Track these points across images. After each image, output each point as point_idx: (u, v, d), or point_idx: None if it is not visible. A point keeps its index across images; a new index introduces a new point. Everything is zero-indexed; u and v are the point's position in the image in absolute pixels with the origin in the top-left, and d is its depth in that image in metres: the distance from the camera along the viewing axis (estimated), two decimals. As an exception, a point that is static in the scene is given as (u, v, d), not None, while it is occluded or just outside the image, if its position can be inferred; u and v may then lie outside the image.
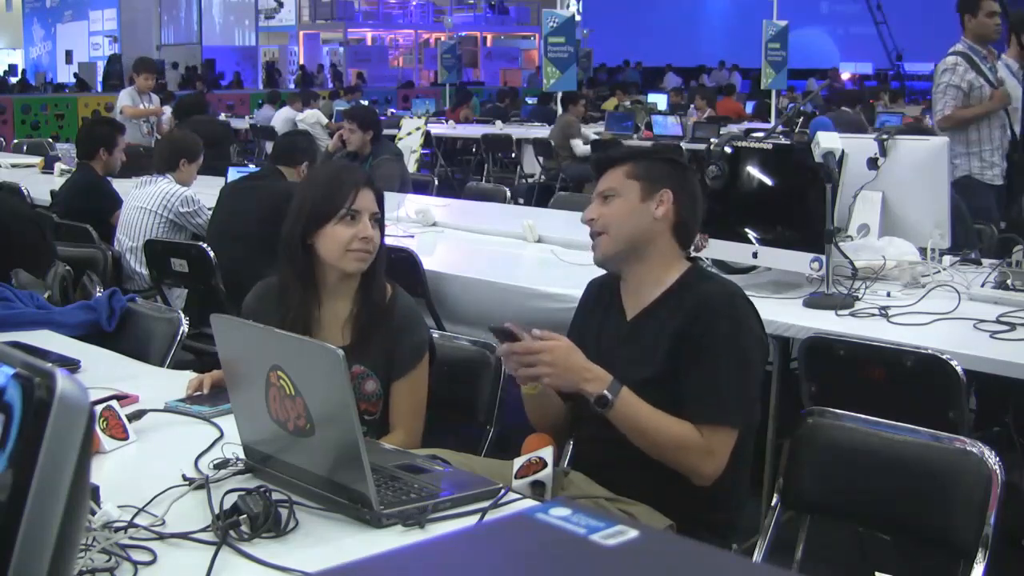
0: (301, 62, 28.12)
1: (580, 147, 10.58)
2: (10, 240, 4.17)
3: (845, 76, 22.62)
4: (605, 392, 2.24)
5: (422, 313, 2.76)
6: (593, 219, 2.46)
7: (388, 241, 4.50)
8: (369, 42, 31.42)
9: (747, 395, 2.32)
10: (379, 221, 2.60)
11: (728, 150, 3.73)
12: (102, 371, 2.77)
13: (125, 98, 9.51)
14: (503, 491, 1.95)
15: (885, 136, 3.92)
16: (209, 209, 4.98)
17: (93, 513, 1.74)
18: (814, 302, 3.32)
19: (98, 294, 3.61)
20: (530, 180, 11.48)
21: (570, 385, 2.29)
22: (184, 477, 2.02)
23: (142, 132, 9.40)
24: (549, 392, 2.41)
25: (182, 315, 3.26)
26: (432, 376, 2.69)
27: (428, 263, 4.19)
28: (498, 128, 13.35)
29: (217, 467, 2.06)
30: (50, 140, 12.13)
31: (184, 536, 1.78)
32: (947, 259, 3.79)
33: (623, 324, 2.46)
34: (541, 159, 11.33)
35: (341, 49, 29.42)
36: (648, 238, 2.42)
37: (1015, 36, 6.03)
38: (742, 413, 2.31)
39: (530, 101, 17.16)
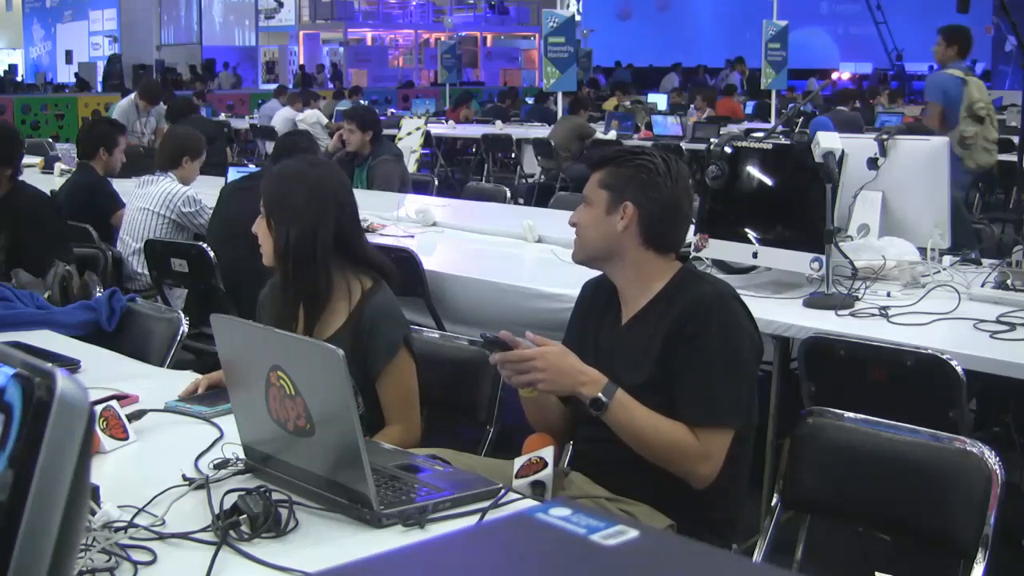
0: (301, 62, 28.12)
1: None
2: (48, 228, 4.27)
3: (845, 76, 22.61)
4: (600, 395, 2.24)
5: (407, 313, 2.76)
6: (574, 223, 2.49)
7: (388, 241, 4.54)
8: (369, 42, 31.42)
9: (741, 395, 2.31)
10: (270, 213, 2.62)
11: (728, 150, 3.73)
12: (102, 371, 2.78)
13: (120, 114, 9.49)
14: (503, 491, 1.95)
15: (885, 136, 3.92)
16: (210, 209, 4.99)
17: (93, 513, 1.74)
18: (814, 302, 3.32)
19: (98, 294, 3.62)
20: (530, 180, 11.47)
21: (565, 389, 2.29)
22: (184, 477, 2.02)
23: (137, 138, 9.43)
24: (547, 395, 2.41)
25: (182, 315, 3.26)
26: (431, 376, 2.70)
27: (428, 263, 4.19)
28: (498, 128, 13.34)
29: (217, 467, 2.06)
30: (50, 140, 12.12)
31: (184, 536, 1.78)
32: (947, 259, 3.79)
33: (618, 328, 2.46)
34: (541, 159, 11.33)
35: (341, 49, 29.42)
36: (615, 249, 2.42)
37: None
38: (737, 413, 2.30)
39: (530, 101, 17.15)
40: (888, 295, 3.41)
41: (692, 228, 3.76)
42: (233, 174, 5.60)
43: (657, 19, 30.01)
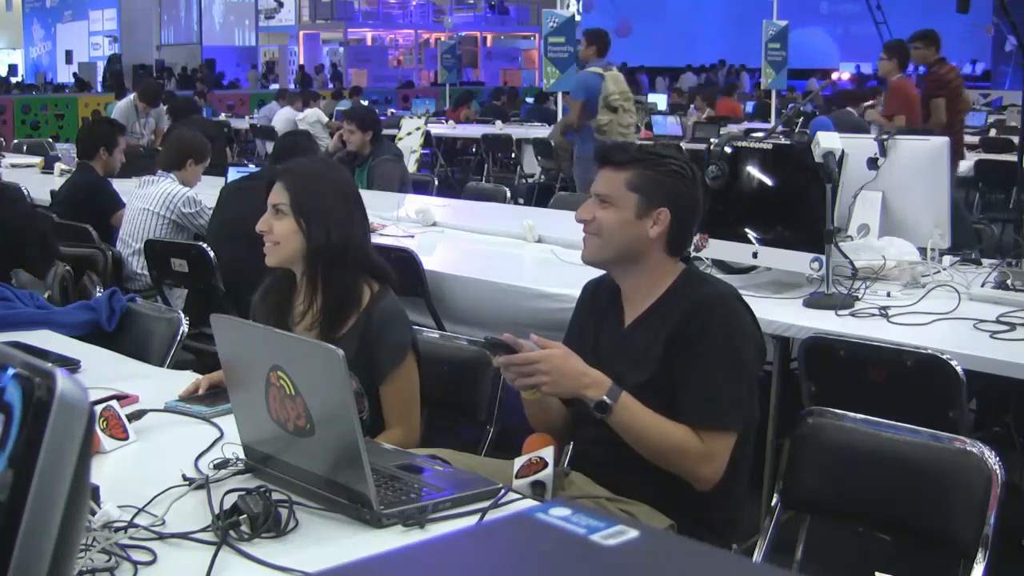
0: (301, 62, 28.12)
1: None
2: (17, 239, 4.19)
3: (845, 76, 22.58)
4: (604, 397, 2.24)
5: (408, 313, 2.74)
6: (587, 220, 2.43)
7: (388, 241, 4.54)
8: (369, 42, 31.43)
9: (744, 397, 2.31)
10: (305, 212, 2.58)
11: (728, 150, 3.73)
12: (102, 371, 2.77)
13: (120, 115, 9.50)
14: (503, 491, 1.95)
15: (885, 136, 3.92)
16: (210, 210, 4.99)
17: (93, 513, 1.74)
18: (814, 302, 3.32)
19: (98, 294, 3.61)
20: (530, 180, 11.47)
21: (569, 391, 2.29)
22: (184, 477, 2.02)
23: (136, 139, 9.43)
24: (549, 397, 2.40)
25: (182, 315, 3.26)
26: (431, 376, 2.69)
27: (428, 263, 4.19)
28: (498, 128, 13.34)
29: (217, 467, 2.06)
30: (50, 140, 12.13)
31: (184, 536, 1.78)
32: (947, 259, 3.79)
33: (620, 329, 2.45)
34: (541, 159, 11.33)
35: (341, 49, 29.43)
36: (639, 253, 2.40)
37: None
38: (740, 416, 2.30)
39: (530, 101, 17.15)
40: (888, 295, 3.41)
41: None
42: (233, 174, 5.60)
43: (656, 20, 29.98)
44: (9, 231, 4.24)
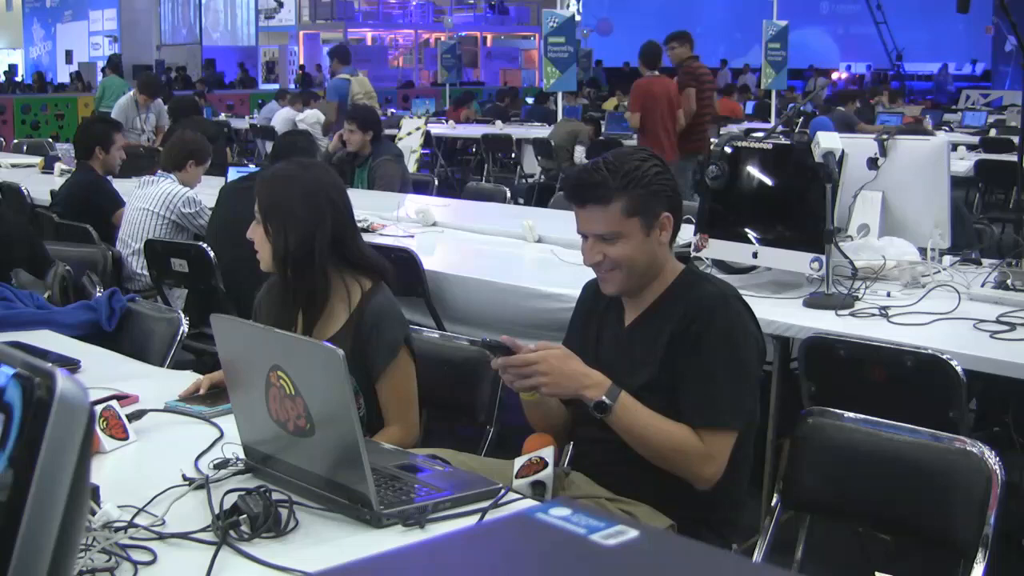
0: (301, 62, 28.12)
1: (580, 155, 10.60)
2: (7, 253, 4.17)
3: (843, 76, 22.56)
4: (603, 398, 2.24)
5: (408, 314, 2.76)
6: (599, 262, 2.38)
7: (388, 241, 4.54)
8: (369, 42, 31.42)
9: (745, 397, 2.31)
10: (266, 219, 2.61)
11: (728, 150, 3.73)
12: (102, 371, 2.77)
13: (120, 112, 9.50)
14: (503, 491, 1.95)
15: (885, 136, 3.92)
16: (210, 210, 4.99)
17: (93, 513, 1.74)
18: (814, 302, 3.32)
19: (98, 294, 3.61)
20: (530, 180, 11.47)
21: (568, 392, 2.29)
22: (184, 477, 2.02)
23: (136, 136, 9.43)
24: (548, 398, 2.40)
25: (182, 315, 3.26)
26: (431, 376, 2.69)
27: (428, 263, 4.19)
28: (498, 128, 13.35)
29: (217, 467, 2.06)
30: (50, 140, 12.13)
31: (184, 536, 1.78)
32: (947, 259, 3.79)
33: (621, 330, 2.45)
34: (541, 159, 11.33)
35: (341, 49, 29.41)
36: (658, 264, 2.39)
37: None
38: (740, 415, 2.30)
39: (530, 101, 17.16)
40: (888, 295, 3.41)
41: (692, 228, 3.78)
42: (233, 174, 5.59)
43: (656, 20, 29.97)
44: None
